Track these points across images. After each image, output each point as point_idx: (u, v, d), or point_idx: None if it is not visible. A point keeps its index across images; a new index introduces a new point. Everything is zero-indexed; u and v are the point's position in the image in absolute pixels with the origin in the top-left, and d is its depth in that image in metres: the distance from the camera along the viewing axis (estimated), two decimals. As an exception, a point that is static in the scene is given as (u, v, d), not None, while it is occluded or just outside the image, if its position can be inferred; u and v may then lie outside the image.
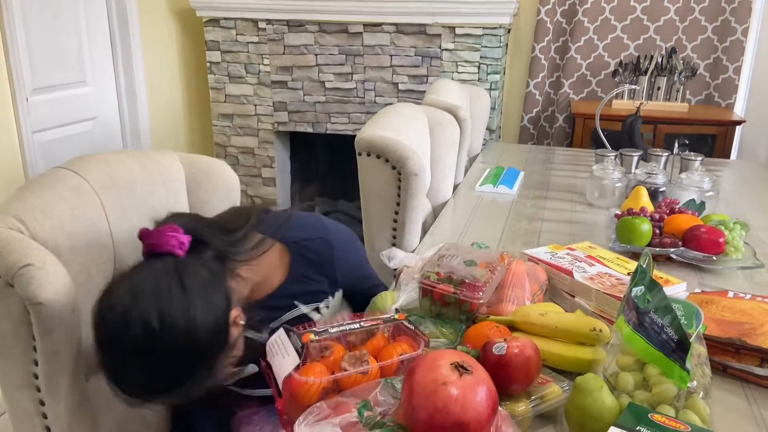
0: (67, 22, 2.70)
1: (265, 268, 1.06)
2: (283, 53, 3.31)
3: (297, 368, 0.80)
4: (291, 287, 1.10)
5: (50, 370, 0.92)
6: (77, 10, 2.75)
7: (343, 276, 1.16)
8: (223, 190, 1.31)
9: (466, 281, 1.05)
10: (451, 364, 0.74)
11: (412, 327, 0.93)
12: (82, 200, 1.01)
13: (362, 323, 0.92)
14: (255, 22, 3.31)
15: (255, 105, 3.45)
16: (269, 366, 0.84)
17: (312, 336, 0.85)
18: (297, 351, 0.82)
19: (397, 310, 1.00)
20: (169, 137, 3.47)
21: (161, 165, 1.22)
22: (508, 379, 0.86)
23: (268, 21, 3.29)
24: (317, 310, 1.14)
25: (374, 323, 0.93)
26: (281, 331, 0.85)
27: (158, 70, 3.32)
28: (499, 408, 0.77)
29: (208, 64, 3.44)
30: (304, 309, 1.11)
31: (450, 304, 1.06)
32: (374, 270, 1.31)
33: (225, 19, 3.33)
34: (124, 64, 3.07)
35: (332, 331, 0.89)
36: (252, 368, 1.05)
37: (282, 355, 0.82)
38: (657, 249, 1.43)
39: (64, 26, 2.69)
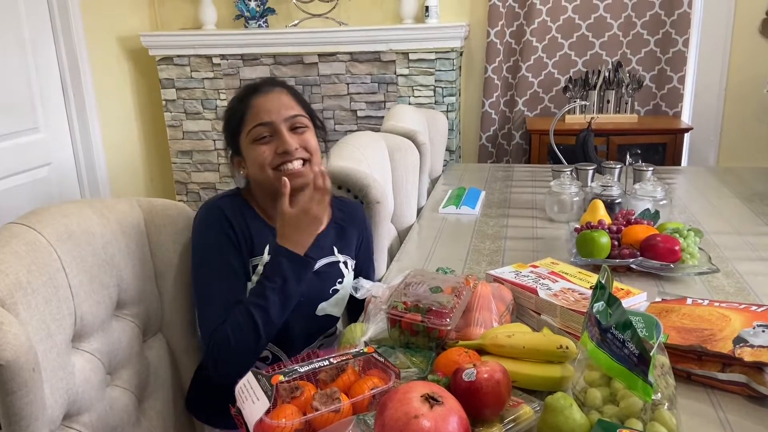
0: (16, 67, 2.66)
1: None
2: (239, 87, 3.31)
3: (267, 412, 0.80)
4: (332, 232, 1.37)
5: (13, 432, 0.89)
6: (26, 55, 2.71)
7: (365, 240, 1.46)
8: (183, 231, 1.30)
9: (433, 308, 1.06)
10: (421, 396, 0.75)
11: (382, 359, 0.93)
12: (38, 255, 0.99)
13: (332, 359, 0.92)
14: (209, 58, 3.31)
15: (214, 140, 3.44)
16: (239, 412, 0.83)
17: (281, 377, 0.85)
18: (266, 394, 0.81)
19: (366, 343, 0.99)
20: (128, 178, 3.42)
21: (119, 212, 1.21)
22: (480, 404, 0.86)
23: (222, 56, 3.29)
24: (345, 264, 1.38)
25: (344, 358, 0.93)
26: (249, 375, 0.84)
27: (113, 111, 3.28)
28: (472, 435, 0.78)
29: (163, 102, 3.42)
30: (339, 256, 1.36)
31: (419, 333, 1.07)
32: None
33: (178, 56, 3.32)
34: (77, 107, 3.02)
35: (301, 370, 0.88)
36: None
37: (252, 399, 0.81)
38: (617, 260, 1.46)
39: (13, 72, 2.65)
